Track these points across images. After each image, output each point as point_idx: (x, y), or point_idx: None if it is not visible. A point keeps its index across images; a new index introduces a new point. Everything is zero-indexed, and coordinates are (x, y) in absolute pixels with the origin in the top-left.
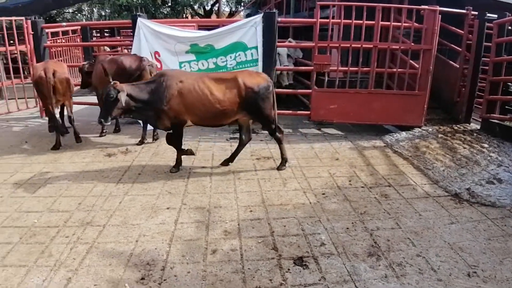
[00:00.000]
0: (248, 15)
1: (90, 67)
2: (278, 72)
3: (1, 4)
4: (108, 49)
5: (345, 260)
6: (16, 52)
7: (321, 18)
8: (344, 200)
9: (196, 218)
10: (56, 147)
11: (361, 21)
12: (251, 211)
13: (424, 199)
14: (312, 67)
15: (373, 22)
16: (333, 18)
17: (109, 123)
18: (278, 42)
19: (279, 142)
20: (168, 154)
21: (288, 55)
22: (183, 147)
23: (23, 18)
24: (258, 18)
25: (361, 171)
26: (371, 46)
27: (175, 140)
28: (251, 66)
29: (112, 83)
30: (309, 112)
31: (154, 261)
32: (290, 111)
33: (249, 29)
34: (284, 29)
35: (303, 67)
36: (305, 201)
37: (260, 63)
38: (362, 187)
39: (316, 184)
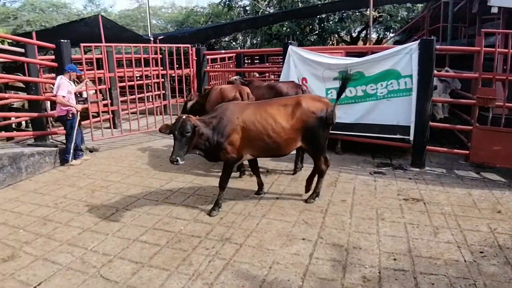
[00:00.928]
0: (396, 42)
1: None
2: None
3: (170, 33)
4: (257, 74)
5: None
6: (181, 74)
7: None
8: (505, 263)
9: (332, 256)
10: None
11: None
12: (394, 259)
13: None
14: (474, 101)
15: None
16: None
17: (183, 163)
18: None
19: (321, 175)
20: None
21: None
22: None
23: (189, 45)
24: (414, 45)
25: None
26: None
27: (224, 176)
28: (404, 96)
29: (184, 116)
30: (467, 151)
31: None
32: (445, 149)
33: (403, 57)
34: (439, 57)
35: (463, 100)
36: (459, 257)
37: (414, 93)
38: None
39: (473, 239)
